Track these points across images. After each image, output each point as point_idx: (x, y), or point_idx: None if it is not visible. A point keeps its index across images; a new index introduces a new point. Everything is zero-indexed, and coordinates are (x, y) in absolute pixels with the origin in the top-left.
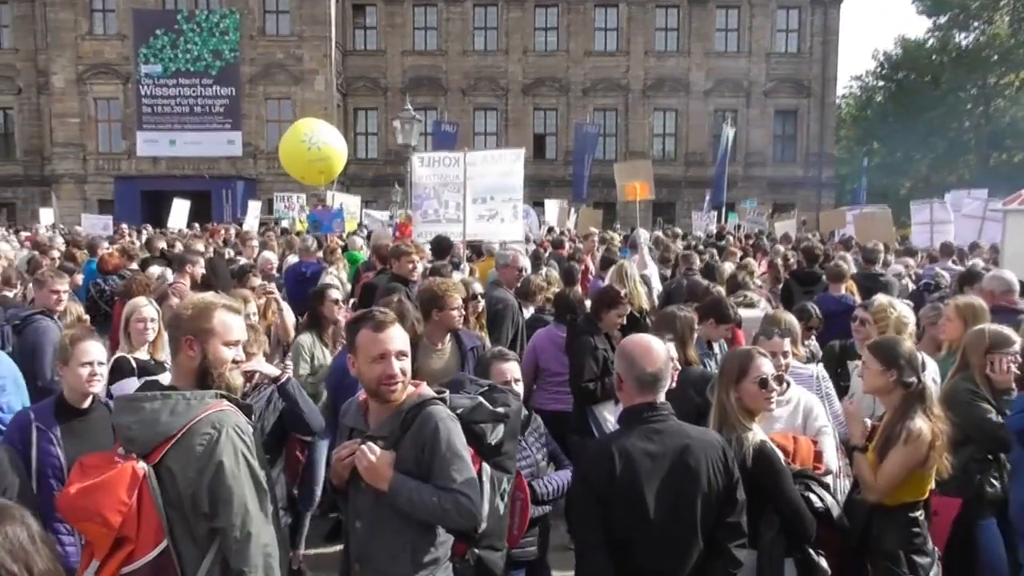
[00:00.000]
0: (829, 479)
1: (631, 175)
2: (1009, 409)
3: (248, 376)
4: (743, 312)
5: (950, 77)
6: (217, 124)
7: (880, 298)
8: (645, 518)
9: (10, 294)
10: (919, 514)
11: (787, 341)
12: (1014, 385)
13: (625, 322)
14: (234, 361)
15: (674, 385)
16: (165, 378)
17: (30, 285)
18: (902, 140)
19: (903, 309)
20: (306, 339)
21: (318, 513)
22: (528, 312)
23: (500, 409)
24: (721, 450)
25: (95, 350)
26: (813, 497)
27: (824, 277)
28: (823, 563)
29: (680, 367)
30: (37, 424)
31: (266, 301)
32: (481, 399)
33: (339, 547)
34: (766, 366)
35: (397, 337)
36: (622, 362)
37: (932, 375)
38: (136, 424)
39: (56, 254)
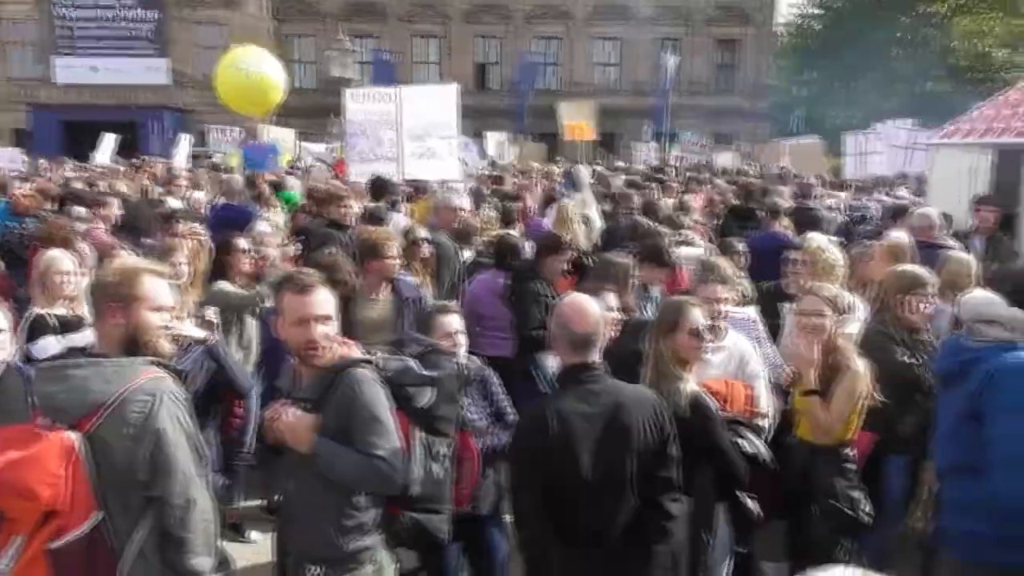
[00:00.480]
0: (763, 422)
1: (575, 115)
2: (925, 352)
3: (175, 339)
4: (682, 251)
5: (886, 5)
6: (142, 50)
7: (812, 239)
8: (580, 479)
9: None
10: (852, 451)
11: (723, 288)
12: (928, 326)
13: (568, 267)
14: (163, 327)
15: (615, 335)
16: (86, 336)
17: None
18: (838, 69)
19: (832, 252)
20: (224, 284)
21: (256, 463)
22: (467, 255)
23: (431, 372)
24: (654, 407)
25: None
26: (744, 443)
27: (759, 212)
28: (752, 505)
29: (622, 317)
30: None
31: (194, 245)
32: (410, 362)
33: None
34: (699, 317)
35: (320, 301)
36: (555, 323)
37: (860, 315)
38: (64, 393)
39: None
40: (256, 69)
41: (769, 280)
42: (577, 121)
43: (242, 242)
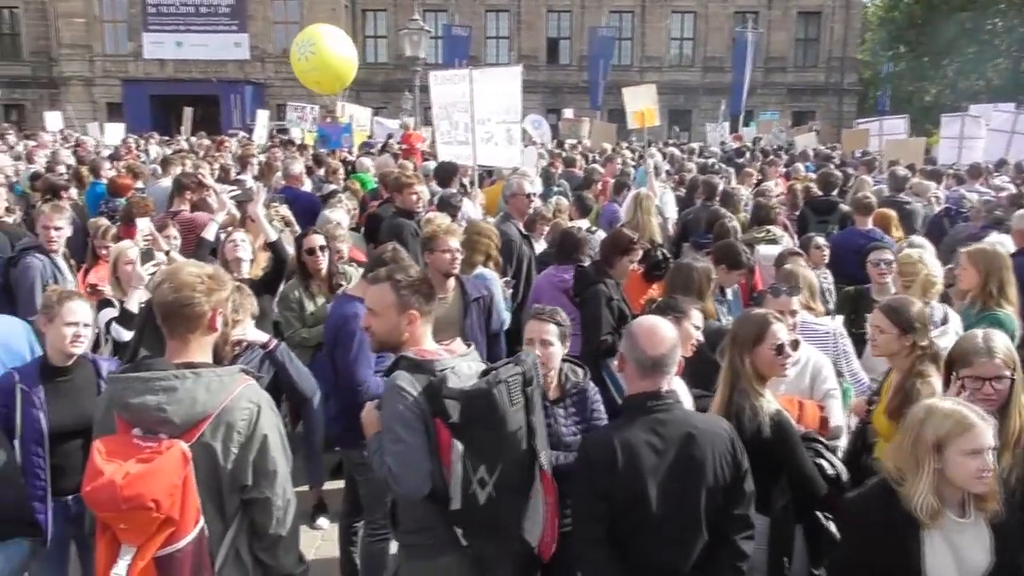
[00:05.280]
0: (838, 442)
1: (638, 101)
2: None
3: (235, 342)
4: (764, 249)
5: None
6: (223, 25)
7: (910, 252)
8: (648, 513)
9: (10, 219)
10: None
11: (796, 300)
12: None
13: (638, 265)
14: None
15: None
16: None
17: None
18: (930, 43)
19: (932, 267)
20: (291, 290)
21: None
22: (540, 246)
23: (455, 387)
24: (729, 441)
25: (80, 311)
26: (824, 463)
27: (841, 206)
28: (832, 527)
29: (700, 338)
30: (21, 386)
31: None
32: (448, 374)
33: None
34: (782, 332)
35: (370, 295)
36: (626, 342)
37: (955, 328)
38: (170, 404)
39: (62, 169)
40: (307, 51)
41: (850, 280)
42: (640, 107)
43: (314, 239)
